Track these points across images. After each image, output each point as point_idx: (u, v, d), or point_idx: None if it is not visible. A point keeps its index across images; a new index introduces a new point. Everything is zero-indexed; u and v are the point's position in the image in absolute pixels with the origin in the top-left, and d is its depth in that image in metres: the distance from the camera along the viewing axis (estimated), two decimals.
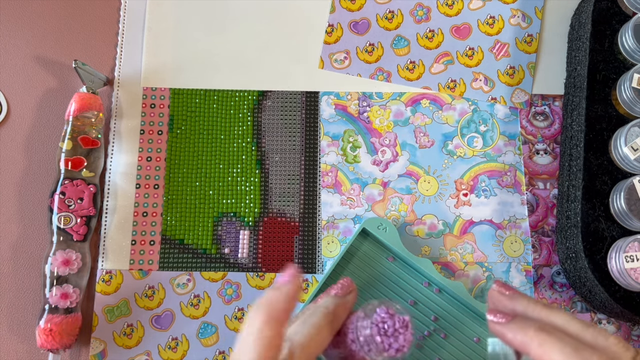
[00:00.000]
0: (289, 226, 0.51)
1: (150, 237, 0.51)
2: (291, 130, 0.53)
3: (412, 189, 0.52)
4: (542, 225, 0.51)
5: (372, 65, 0.54)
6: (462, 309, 0.47)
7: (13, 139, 0.53)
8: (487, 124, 0.53)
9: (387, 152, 0.52)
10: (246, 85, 0.54)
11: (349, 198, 0.51)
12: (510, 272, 0.50)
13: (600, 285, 0.44)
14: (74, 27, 0.55)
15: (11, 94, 0.54)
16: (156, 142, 0.53)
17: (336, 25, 0.55)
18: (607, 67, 0.49)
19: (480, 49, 0.54)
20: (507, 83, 0.53)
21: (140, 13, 0.55)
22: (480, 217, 0.51)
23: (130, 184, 0.52)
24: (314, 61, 0.54)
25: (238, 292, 0.50)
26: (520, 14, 0.55)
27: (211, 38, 0.55)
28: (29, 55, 0.55)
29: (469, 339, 0.47)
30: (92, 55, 0.55)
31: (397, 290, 0.48)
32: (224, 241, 0.51)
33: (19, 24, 0.55)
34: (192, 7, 0.55)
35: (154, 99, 0.53)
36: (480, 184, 0.52)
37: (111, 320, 0.49)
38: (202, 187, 0.52)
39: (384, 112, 0.53)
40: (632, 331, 0.49)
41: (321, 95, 0.54)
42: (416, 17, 0.55)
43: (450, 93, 0.53)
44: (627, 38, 0.47)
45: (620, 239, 0.44)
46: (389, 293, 0.48)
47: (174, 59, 0.54)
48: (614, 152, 0.46)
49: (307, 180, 0.52)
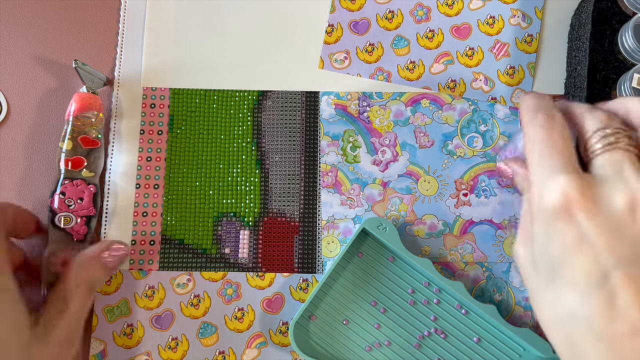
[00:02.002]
0: (289, 226, 0.51)
1: (150, 237, 0.51)
2: (291, 130, 0.53)
3: (412, 189, 0.52)
4: None
5: (372, 65, 0.54)
6: (462, 308, 0.47)
7: (13, 139, 0.53)
8: (487, 124, 0.53)
9: (387, 152, 0.52)
10: (246, 85, 0.54)
11: (349, 198, 0.51)
12: (510, 272, 0.50)
13: None
14: (74, 27, 0.55)
15: (11, 94, 0.54)
16: (156, 142, 0.53)
17: (336, 25, 0.55)
18: (607, 67, 0.49)
19: (480, 49, 0.54)
20: (507, 83, 0.53)
21: (140, 13, 0.55)
22: (480, 217, 0.51)
23: (130, 184, 0.52)
24: (314, 61, 0.54)
25: (238, 292, 0.50)
26: (520, 14, 0.55)
27: (211, 38, 0.55)
28: (29, 55, 0.55)
29: (469, 339, 0.47)
30: (92, 55, 0.55)
31: (397, 290, 0.48)
32: (224, 241, 0.51)
33: (19, 24, 0.55)
34: (192, 7, 0.55)
35: (154, 99, 0.53)
36: (480, 184, 0.52)
37: (111, 320, 0.49)
38: (202, 187, 0.52)
39: (384, 112, 0.53)
40: None
41: (321, 95, 0.54)
42: (416, 17, 0.55)
43: (450, 93, 0.53)
44: (627, 38, 0.47)
45: None
46: (389, 293, 0.48)
47: (174, 59, 0.54)
48: None
49: (307, 180, 0.52)
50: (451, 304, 0.48)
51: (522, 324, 0.49)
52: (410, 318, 0.47)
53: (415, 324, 0.47)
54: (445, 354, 0.47)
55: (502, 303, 0.49)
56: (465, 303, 0.46)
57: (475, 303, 0.46)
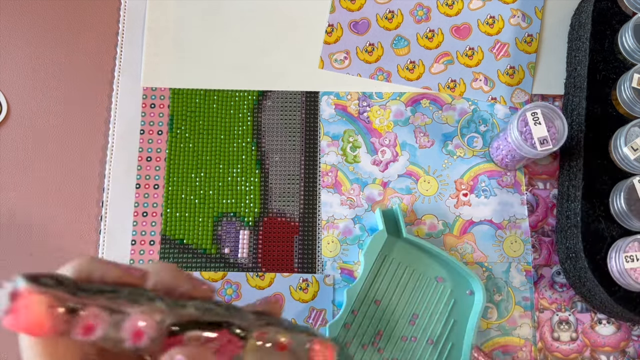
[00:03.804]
0: (289, 226, 0.51)
1: (150, 237, 0.51)
2: (291, 130, 0.53)
3: (412, 189, 0.51)
4: (542, 225, 0.51)
5: (372, 65, 0.54)
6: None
7: (13, 139, 0.53)
8: (487, 124, 0.53)
9: (387, 152, 0.52)
10: (246, 85, 0.54)
11: (349, 198, 0.51)
12: (510, 272, 0.50)
13: (600, 286, 0.44)
14: (74, 27, 0.55)
15: (11, 94, 0.54)
16: (156, 142, 0.53)
17: (336, 25, 0.55)
18: (607, 67, 0.49)
19: (480, 49, 0.54)
20: (507, 83, 0.53)
21: (140, 13, 0.55)
22: (480, 217, 0.51)
23: (130, 184, 0.51)
24: (314, 61, 0.54)
25: (238, 292, 0.50)
26: (520, 14, 0.55)
27: (211, 38, 0.55)
28: (29, 55, 0.55)
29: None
30: (92, 55, 0.55)
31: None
32: (224, 241, 0.51)
33: (19, 24, 0.55)
34: (192, 7, 0.55)
35: (154, 99, 0.53)
36: (480, 184, 0.51)
37: None
38: (202, 187, 0.52)
39: (384, 112, 0.53)
40: (632, 331, 0.49)
41: (321, 95, 0.54)
42: (416, 17, 0.55)
43: (450, 93, 0.53)
44: (627, 38, 0.47)
45: (620, 239, 0.44)
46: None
47: (174, 59, 0.54)
48: (614, 152, 0.46)
49: (307, 180, 0.52)
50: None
51: (522, 324, 0.49)
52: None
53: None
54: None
55: (502, 303, 0.49)
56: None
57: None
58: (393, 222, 0.49)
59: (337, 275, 0.50)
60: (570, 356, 0.48)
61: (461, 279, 0.48)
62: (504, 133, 0.47)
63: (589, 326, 0.49)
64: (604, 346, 0.48)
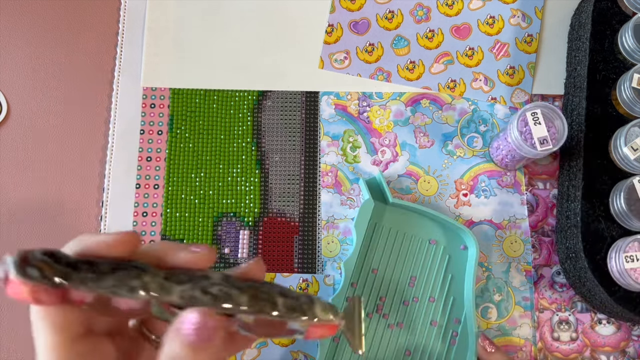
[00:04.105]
0: (288, 226, 0.51)
1: (150, 237, 0.51)
2: (291, 130, 0.53)
3: (412, 189, 0.51)
4: (542, 225, 0.51)
5: (372, 65, 0.54)
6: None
7: (13, 139, 0.53)
8: (487, 124, 0.53)
9: (387, 152, 0.52)
10: (246, 85, 0.54)
11: (348, 198, 0.51)
12: (510, 272, 0.50)
13: (600, 286, 0.44)
14: (74, 27, 0.55)
15: (11, 94, 0.54)
16: (156, 142, 0.53)
17: (336, 25, 0.55)
18: (607, 67, 0.49)
19: (480, 49, 0.54)
20: (507, 83, 0.53)
21: (140, 13, 0.55)
22: (480, 217, 0.51)
23: (130, 184, 0.51)
24: (314, 61, 0.54)
25: None
26: (520, 14, 0.55)
27: (211, 38, 0.55)
28: (29, 55, 0.55)
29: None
30: (92, 55, 0.55)
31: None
32: (224, 241, 0.51)
33: (19, 24, 0.55)
34: (192, 7, 0.55)
35: (154, 99, 0.53)
36: (480, 184, 0.51)
37: None
38: (202, 187, 0.52)
39: (384, 112, 0.53)
40: (632, 331, 0.49)
41: (321, 95, 0.54)
42: (416, 17, 0.55)
43: (450, 93, 0.53)
44: (627, 38, 0.47)
45: (620, 239, 0.44)
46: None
47: (174, 59, 0.54)
48: (614, 152, 0.46)
49: (307, 180, 0.52)
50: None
51: (522, 324, 0.49)
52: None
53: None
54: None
55: (502, 303, 0.49)
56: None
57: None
58: (378, 191, 0.50)
59: (337, 276, 0.50)
60: (570, 356, 0.48)
61: (453, 235, 0.49)
62: (504, 133, 0.47)
63: (589, 326, 0.49)
64: (604, 346, 0.48)
